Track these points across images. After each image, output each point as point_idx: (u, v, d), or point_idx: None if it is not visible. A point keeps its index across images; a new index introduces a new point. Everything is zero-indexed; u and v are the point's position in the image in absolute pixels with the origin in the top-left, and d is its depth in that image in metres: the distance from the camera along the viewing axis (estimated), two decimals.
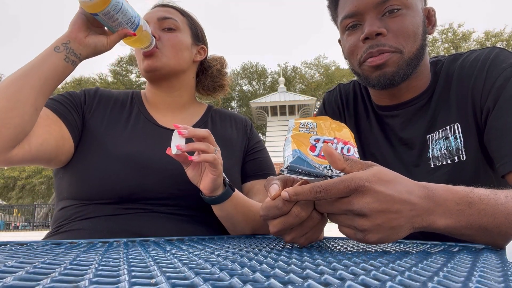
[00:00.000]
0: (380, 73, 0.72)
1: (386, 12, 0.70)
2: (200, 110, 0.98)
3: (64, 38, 0.68)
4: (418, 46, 0.72)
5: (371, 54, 0.71)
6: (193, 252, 0.41)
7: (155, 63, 0.84)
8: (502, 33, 22.13)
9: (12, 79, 0.63)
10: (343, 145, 0.53)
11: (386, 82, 0.73)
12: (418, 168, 0.77)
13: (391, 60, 0.71)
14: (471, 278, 0.26)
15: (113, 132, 0.81)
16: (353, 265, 0.32)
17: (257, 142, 0.99)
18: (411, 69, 0.73)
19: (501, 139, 0.63)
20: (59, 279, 0.23)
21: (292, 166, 0.49)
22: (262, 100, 21.02)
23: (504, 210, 0.48)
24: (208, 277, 0.25)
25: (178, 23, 0.88)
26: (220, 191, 0.71)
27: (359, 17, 0.73)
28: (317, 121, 0.56)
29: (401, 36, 0.70)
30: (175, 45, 0.87)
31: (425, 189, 0.46)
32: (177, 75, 0.90)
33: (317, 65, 30.89)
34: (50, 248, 0.45)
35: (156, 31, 0.85)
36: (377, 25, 0.70)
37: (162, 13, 0.88)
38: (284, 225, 0.47)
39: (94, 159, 0.76)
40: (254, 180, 0.91)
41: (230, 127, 0.97)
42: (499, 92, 0.65)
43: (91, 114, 0.83)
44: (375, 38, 0.70)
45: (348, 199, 0.43)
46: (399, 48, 0.70)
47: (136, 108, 0.90)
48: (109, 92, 0.92)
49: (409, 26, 0.70)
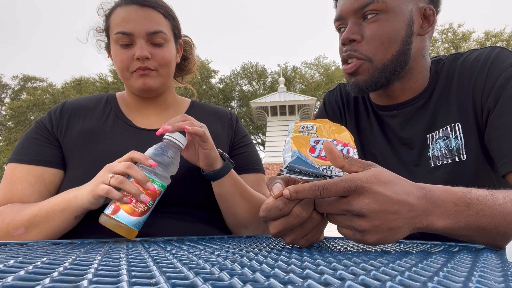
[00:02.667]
0: (354, 80, 0.75)
1: (364, 17, 0.72)
2: (183, 106, 0.95)
3: (85, 205, 0.63)
4: (395, 52, 0.71)
5: (343, 57, 0.74)
6: (193, 252, 0.41)
7: (152, 84, 0.81)
8: (502, 33, 22.12)
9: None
10: (342, 146, 0.53)
11: (356, 89, 0.75)
12: (418, 168, 0.77)
13: (361, 68, 0.73)
14: (471, 278, 0.26)
15: (91, 144, 0.78)
16: (353, 265, 0.32)
17: (243, 136, 0.96)
18: (386, 76, 0.73)
19: (501, 138, 0.63)
20: (59, 279, 0.23)
21: (291, 166, 0.49)
22: (262, 100, 21.01)
23: (503, 211, 0.48)
24: (208, 277, 0.25)
25: (167, 35, 0.82)
26: (220, 164, 0.73)
27: (343, 21, 0.75)
28: (317, 123, 0.56)
29: (373, 44, 0.71)
30: (167, 63, 0.82)
31: (423, 190, 0.46)
32: (165, 86, 0.87)
33: (317, 65, 30.89)
34: (50, 248, 0.45)
35: (145, 48, 0.78)
36: (352, 31, 0.72)
37: (149, 24, 0.78)
38: (285, 226, 0.47)
39: (77, 177, 0.74)
40: (241, 175, 0.89)
41: (215, 122, 0.93)
42: (500, 91, 0.65)
43: (63, 135, 0.80)
44: (349, 44, 0.73)
45: (347, 199, 0.44)
46: (368, 56, 0.71)
47: (113, 113, 0.86)
48: (77, 103, 0.87)
49: (384, 32, 0.70)
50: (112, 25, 0.81)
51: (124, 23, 0.78)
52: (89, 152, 0.77)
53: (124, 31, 0.78)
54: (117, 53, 0.80)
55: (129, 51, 0.79)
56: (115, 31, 0.79)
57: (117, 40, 0.79)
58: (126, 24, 0.78)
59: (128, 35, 0.78)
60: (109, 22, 0.82)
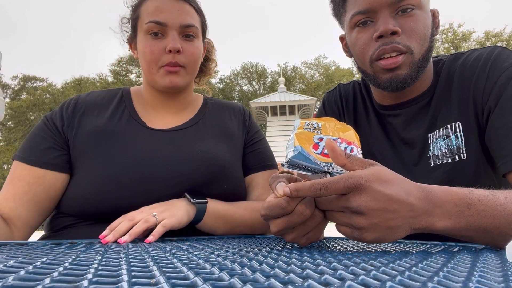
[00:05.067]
0: (392, 75, 0.71)
1: (399, 11, 0.69)
2: (197, 102, 0.93)
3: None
4: (427, 47, 0.72)
5: (384, 50, 0.69)
6: (193, 252, 0.41)
7: (179, 82, 0.79)
8: (502, 33, 22.13)
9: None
10: (346, 145, 0.54)
11: (398, 85, 0.72)
12: (418, 167, 0.77)
13: (404, 63, 0.70)
14: (471, 278, 0.26)
15: (103, 147, 0.75)
16: (353, 265, 0.32)
17: (255, 132, 0.95)
18: (421, 71, 0.72)
19: (502, 138, 0.63)
20: (59, 279, 0.23)
21: (292, 160, 0.50)
22: (262, 100, 21.02)
23: (504, 211, 0.48)
24: (208, 277, 0.25)
25: (198, 30, 0.81)
26: (192, 213, 0.70)
27: (372, 14, 0.71)
28: (322, 121, 0.57)
29: (413, 37, 0.69)
30: (196, 60, 0.81)
31: (424, 191, 0.46)
32: (189, 84, 0.86)
33: (317, 65, 30.91)
34: (50, 248, 0.45)
35: (177, 41, 0.76)
36: (392, 23, 0.68)
37: (184, 16, 0.77)
38: (287, 224, 0.48)
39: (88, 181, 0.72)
40: (254, 174, 0.89)
41: (230, 119, 0.92)
42: (501, 91, 0.65)
43: (74, 135, 0.77)
44: (389, 36, 0.69)
45: (346, 197, 0.44)
46: (411, 48, 0.69)
47: (126, 113, 0.82)
48: (91, 99, 0.83)
49: (421, 27, 0.70)
50: (144, 14, 0.78)
51: (158, 13, 0.76)
52: (100, 156, 0.74)
53: (158, 20, 0.75)
54: (147, 44, 0.77)
55: (161, 43, 0.76)
56: (147, 20, 0.76)
57: (148, 30, 0.76)
58: (161, 14, 0.76)
59: (161, 25, 0.76)
60: (139, 12, 0.80)
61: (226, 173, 0.80)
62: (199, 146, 0.81)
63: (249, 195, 0.88)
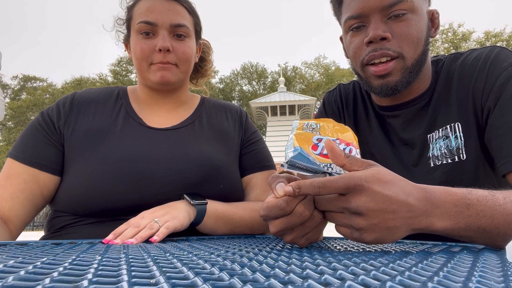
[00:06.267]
0: (383, 82, 0.72)
1: (391, 15, 0.69)
2: (193, 102, 0.93)
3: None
4: (421, 52, 0.71)
5: (374, 56, 0.70)
6: (193, 252, 0.41)
7: (171, 77, 0.79)
8: (502, 33, 22.14)
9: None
10: (345, 146, 0.54)
11: (389, 91, 0.73)
12: (418, 168, 0.77)
13: (395, 69, 0.70)
14: (471, 278, 0.26)
15: (100, 144, 0.75)
16: (353, 265, 0.32)
17: (252, 133, 0.95)
18: (413, 76, 0.72)
19: (502, 138, 0.63)
20: (59, 279, 0.23)
21: (292, 161, 0.50)
22: (262, 100, 21.01)
23: (503, 211, 0.48)
24: (208, 277, 0.25)
25: (189, 30, 0.81)
26: (193, 214, 0.70)
27: (364, 18, 0.72)
28: (321, 122, 0.57)
29: (404, 42, 0.69)
30: (188, 59, 0.81)
31: (423, 191, 0.46)
32: (182, 82, 0.86)
33: (317, 65, 30.92)
34: (50, 248, 0.45)
35: (167, 40, 0.77)
36: (381, 29, 0.69)
37: (173, 16, 0.78)
38: (286, 225, 0.48)
39: (84, 179, 0.72)
40: (252, 174, 0.89)
41: (226, 120, 0.92)
42: (500, 91, 0.65)
43: (70, 131, 0.77)
44: (379, 42, 0.70)
45: (346, 197, 0.44)
46: (402, 53, 0.70)
47: (123, 110, 0.83)
48: (88, 96, 0.84)
49: (413, 31, 0.69)
50: (136, 15, 0.80)
51: (148, 13, 0.78)
52: (97, 153, 0.74)
53: (148, 20, 0.77)
54: (138, 43, 0.78)
55: (151, 41, 0.77)
56: (138, 20, 0.78)
57: (139, 29, 0.78)
58: (151, 14, 0.77)
59: (152, 25, 0.77)
60: (132, 13, 0.81)
61: (221, 173, 0.80)
62: (195, 145, 0.81)
63: (247, 196, 0.88)
